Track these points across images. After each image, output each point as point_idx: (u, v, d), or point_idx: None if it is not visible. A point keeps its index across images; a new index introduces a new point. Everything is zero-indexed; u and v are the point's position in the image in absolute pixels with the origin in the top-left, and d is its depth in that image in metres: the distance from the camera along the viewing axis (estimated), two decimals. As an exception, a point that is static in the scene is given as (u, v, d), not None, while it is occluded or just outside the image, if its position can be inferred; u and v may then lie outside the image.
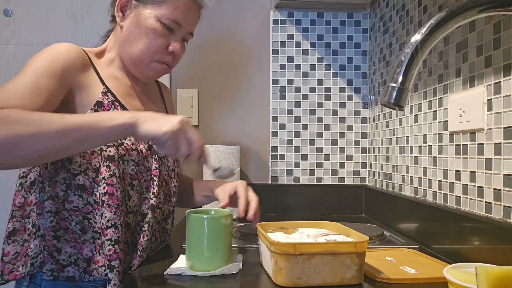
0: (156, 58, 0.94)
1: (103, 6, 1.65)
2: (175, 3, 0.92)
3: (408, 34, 1.23)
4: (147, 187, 0.90)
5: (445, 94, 1.00)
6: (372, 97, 1.56)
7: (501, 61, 0.80)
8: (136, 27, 0.92)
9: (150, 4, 0.92)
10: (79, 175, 0.83)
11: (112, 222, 0.81)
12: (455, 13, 0.62)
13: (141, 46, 0.92)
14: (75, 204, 0.83)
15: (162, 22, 0.92)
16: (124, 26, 0.94)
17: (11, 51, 1.64)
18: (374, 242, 1.04)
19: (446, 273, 0.62)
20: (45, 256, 0.80)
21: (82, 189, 0.83)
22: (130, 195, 0.87)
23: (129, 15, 0.93)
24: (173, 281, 0.75)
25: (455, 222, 0.91)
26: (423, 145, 1.12)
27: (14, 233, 0.85)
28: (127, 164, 0.86)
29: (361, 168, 1.61)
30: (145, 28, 0.91)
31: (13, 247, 0.85)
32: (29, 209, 0.86)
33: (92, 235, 0.83)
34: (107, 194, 0.81)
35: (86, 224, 0.83)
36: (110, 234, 0.80)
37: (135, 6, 0.93)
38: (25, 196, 0.86)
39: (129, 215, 0.86)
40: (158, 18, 0.91)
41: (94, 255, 0.82)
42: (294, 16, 1.61)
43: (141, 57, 0.93)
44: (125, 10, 0.94)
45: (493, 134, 0.82)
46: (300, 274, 0.69)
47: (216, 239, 0.78)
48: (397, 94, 0.63)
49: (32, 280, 0.83)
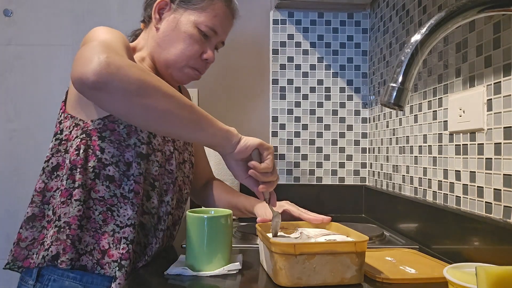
0: (190, 64, 0.95)
1: (103, 6, 1.65)
2: (215, 11, 0.94)
3: (408, 34, 1.23)
4: (166, 190, 0.90)
5: (445, 94, 1.00)
6: (372, 97, 1.56)
7: (501, 61, 0.80)
8: (173, 30, 0.93)
9: (191, 10, 0.93)
10: (110, 165, 0.83)
11: (132, 221, 0.81)
12: (455, 13, 0.62)
13: (177, 50, 0.93)
14: (101, 194, 0.83)
15: (200, 28, 0.93)
16: (161, 29, 0.94)
17: (11, 51, 1.64)
18: (374, 242, 1.04)
19: (446, 273, 0.62)
20: (68, 245, 0.79)
21: (111, 180, 0.83)
22: (150, 196, 0.87)
23: (166, 18, 0.94)
24: (173, 281, 0.75)
25: (455, 222, 0.91)
26: (423, 145, 1.12)
27: (33, 219, 0.85)
28: (152, 164, 0.86)
29: (361, 168, 1.61)
30: (183, 33, 0.93)
31: (31, 232, 0.84)
32: (49, 195, 0.85)
33: (113, 228, 0.82)
34: (133, 191, 0.82)
35: (109, 215, 0.83)
36: (127, 233, 0.80)
37: (175, 10, 0.94)
38: (46, 181, 0.86)
39: (145, 215, 0.86)
40: (196, 24, 0.93)
41: (111, 248, 0.82)
42: (294, 16, 1.61)
43: (175, 61, 0.94)
44: (163, 12, 0.95)
45: (493, 134, 0.82)
46: (300, 274, 0.69)
47: (216, 239, 0.78)
48: (397, 94, 0.63)
49: (38, 280, 0.82)
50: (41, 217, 0.85)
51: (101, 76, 0.65)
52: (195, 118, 0.75)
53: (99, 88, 0.66)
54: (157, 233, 0.87)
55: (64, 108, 0.91)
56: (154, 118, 0.71)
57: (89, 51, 0.68)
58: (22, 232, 0.85)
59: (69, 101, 0.90)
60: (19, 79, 1.64)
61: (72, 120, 0.88)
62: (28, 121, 1.64)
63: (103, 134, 0.84)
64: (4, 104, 1.64)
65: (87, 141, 0.83)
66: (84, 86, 0.67)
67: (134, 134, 0.85)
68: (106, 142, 0.84)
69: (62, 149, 0.87)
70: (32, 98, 1.64)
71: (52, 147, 0.88)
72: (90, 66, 0.65)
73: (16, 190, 1.62)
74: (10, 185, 1.62)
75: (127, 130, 0.85)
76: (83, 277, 0.81)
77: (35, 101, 1.64)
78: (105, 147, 0.83)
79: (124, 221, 0.81)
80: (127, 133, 0.84)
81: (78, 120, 0.87)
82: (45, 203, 0.85)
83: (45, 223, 0.85)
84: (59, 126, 0.90)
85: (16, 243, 0.84)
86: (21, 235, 0.85)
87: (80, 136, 0.84)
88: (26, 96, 1.64)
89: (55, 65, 1.65)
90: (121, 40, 0.80)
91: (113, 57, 0.67)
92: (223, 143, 0.79)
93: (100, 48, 0.68)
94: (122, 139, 0.84)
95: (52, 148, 0.88)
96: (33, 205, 0.85)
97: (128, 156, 0.84)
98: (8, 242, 1.69)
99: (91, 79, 0.65)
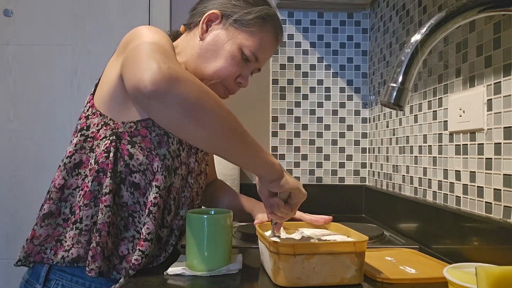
0: (224, 83, 0.93)
1: (103, 6, 1.65)
2: (263, 39, 0.92)
3: (408, 34, 1.23)
4: (183, 203, 0.88)
5: (445, 94, 1.00)
6: (372, 97, 1.56)
7: (501, 61, 0.80)
8: (217, 46, 0.91)
9: (241, 31, 0.91)
10: (137, 173, 0.81)
11: (152, 235, 0.79)
12: (455, 13, 0.62)
13: (216, 66, 0.91)
14: (125, 200, 0.81)
15: (243, 52, 0.91)
16: (205, 40, 0.92)
17: (11, 51, 1.64)
18: (374, 242, 1.04)
19: (446, 273, 0.62)
20: (98, 252, 0.76)
21: (136, 188, 0.81)
22: (170, 210, 0.85)
23: (214, 32, 0.92)
24: (173, 281, 0.75)
25: (455, 222, 0.91)
26: (423, 145, 1.12)
27: (49, 216, 0.81)
28: (177, 177, 0.85)
29: (361, 168, 1.61)
30: (227, 52, 0.90)
31: (45, 230, 0.81)
32: (68, 192, 0.82)
33: (132, 234, 0.81)
34: (156, 205, 0.80)
35: (130, 221, 0.81)
36: (145, 247, 0.78)
37: (225, 27, 0.91)
38: (66, 178, 0.82)
39: (163, 229, 0.84)
40: (241, 47, 0.91)
41: (130, 254, 0.80)
42: (294, 16, 1.61)
43: (211, 76, 0.91)
44: (211, 25, 0.92)
45: (493, 134, 0.82)
46: (299, 274, 0.69)
47: (216, 239, 0.78)
48: (397, 94, 0.63)
49: (46, 284, 0.81)
50: (57, 214, 0.82)
51: (160, 86, 0.63)
52: (245, 145, 0.73)
53: (155, 98, 0.64)
54: (167, 247, 0.86)
55: (92, 102, 0.87)
56: (204, 138, 0.70)
57: (146, 54, 0.67)
58: (36, 230, 0.81)
59: (100, 96, 0.85)
60: (18, 79, 1.64)
61: (101, 118, 0.84)
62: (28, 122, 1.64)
63: (134, 139, 0.81)
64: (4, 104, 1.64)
65: (116, 143, 0.81)
66: (140, 94, 0.64)
67: (165, 145, 0.82)
68: (136, 148, 0.81)
69: (87, 147, 0.83)
70: (32, 98, 1.64)
71: (77, 143, 0.83)
72: (149, 73, 0.64)
73: (16, 191, 1.62)
74: (10, 186, 1.62)
75: (158, 138, 0.82)
76: (91, 284, 0.80)
77: (35, 101, 1.64)
78: (134, 153, 0.80)
79: (145, 234, 0.79)
80: (158, 141, 0.82)
81: (108, 119, 0.83)
82: (62, 200, 0.82)
83: (60, 220, 0.82)
84: (86, 121, 0.85)
85: (30, 240, 0.81)
86: (35, 232, 0.81)
87: (110, 137, 0.81)
88: (26, 96, 1.64)
89: (54, 65, 1.65)
90: (170, 44, 0.78)
91: (174, 67, 0.66)
92: (263, 175, 0.78)
93: (157, 53, 0.67)
94: (153, 148, 0.81)
95: (77, 144, 0.83)
96: (51, 202, 0.81)
97: (155, 166, 0.81)
98: (8, 242, 1.69)
99: (149, 88, 0.63)
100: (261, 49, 0.93)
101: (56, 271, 0.81)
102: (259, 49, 0.93)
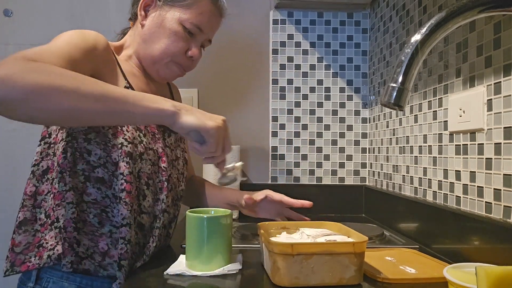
0: (176, 60, 0.95)
1: (102, 6, 1.65)
2: (200, 9, 0.94)
3: (408, 34, 1.23)
4: (160, 188, 0.89)
5: (445, 94, 1.00)
6: (372, 97, 1.56)
7: (501, 61, 0.80)
8: (158, 27, 0.93)
9: (176, 7, 0.93)
10: (99, 168, 0.82)
11: (127, 220, 0.80)
12: (455, 13, 0.62)
13: (162, 46, 0.93)
14: (94, 197, 0.82)
15: (184, 26, 0.93)
16: (146, 25, 0.94)
17: (11, 51, 1.63)
18: (374, 242, 1.04)
19: (446, 273, 0.62)
20: (65, 248, 0.79)
21: (101, 182, 0.83)
22: (145, 195, 0.86)
23: (152, 15, 0.94)
24: (173, 281, 0.75)
25: (455, 222, 0.91)
26: (423, 145, 1.12)
27: (25, 223, 0.84)
28: (145, 162, 0.86)
29: (361, 168, 1.61)
30: (168, 30, 0.92)
31: (24, 237, 0.84)
32: (41, 198, 0.85)
33: (109, 229, 0.82)
34: (125, 191, 0.81)
35: (104, 217, 0.82)
36: (124, 232, 0.80)
37: (160, 7, 0.94)
38: (36, 185, 0.85)
39: (143, 215, 0.86)
40: (181, 21, 0.92)
41: (110, 249, 0.82)
42: (294, 16, 1.61)
43: (160, 57, 0.94)
44: (148, 9, 0.95)
45: (493, 134, 0.82)
46: (297, 274, 0.69)
47: (216, 239, 0.78)
48: (397, 94, 0.63)
49: (38, 282, 0.82)
50: (33, 221, 0.85)
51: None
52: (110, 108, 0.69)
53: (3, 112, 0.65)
54: (153, 231, 0.87)
55: None
56: (61, 118, 0.69)
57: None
58: (15, 238, 0.84)
59: None
60: (18, 79, 1.64)
61: None
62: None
63: (89, 136, 0.83)
64: (3, 104, 1.63)
65: (73, 144, 0.83)
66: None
67: (120, 134, 0.83)
68: (92, 144, 0.83)
69: (51, 153, 0.86)
70: (32, 98, 1.64)
71: (42, 151, 0.87)
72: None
73: (15, 191, 1.62)
74: (9, 186, 1.62)
75: (112, 130, 0.83)
76: (82, 279, 0.81)
77: (35, 101, 1.64)
78: (92, 149, 0.82)
79: (119, 221, 0.80)
80: (112, 133, 0.83)
81: None
82: (36, 207, 0.85)
83: (38, 226, 0.84)
84: (47, 129, 0.88)
85: (11, 249, 0.83)
86: (15, 240, 0.84)
87: (66, 138, 0.83)
88: (26, 96, 1.63)
89: (55, 65, 1.64)
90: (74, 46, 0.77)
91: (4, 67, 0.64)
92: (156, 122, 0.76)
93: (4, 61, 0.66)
94: (108, 140, 0.83)
95: (42, 152, 0.87)
96: (25, 209, 0.84)
97: (115, 156, 0.82)
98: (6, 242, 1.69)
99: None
100: (201, 19, 0.94)
101: (46, 269, 0.82)
102: (200, 19, 0.94)
